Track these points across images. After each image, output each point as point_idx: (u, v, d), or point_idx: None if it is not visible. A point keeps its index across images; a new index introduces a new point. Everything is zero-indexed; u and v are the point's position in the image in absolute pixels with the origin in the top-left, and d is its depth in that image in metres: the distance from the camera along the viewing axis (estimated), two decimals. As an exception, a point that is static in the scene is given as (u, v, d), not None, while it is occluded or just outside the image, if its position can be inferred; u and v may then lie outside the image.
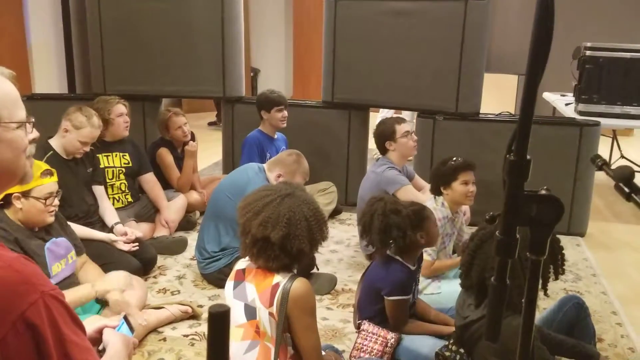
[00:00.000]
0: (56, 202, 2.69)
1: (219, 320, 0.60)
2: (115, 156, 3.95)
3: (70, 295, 2.49)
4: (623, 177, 1.04)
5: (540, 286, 1.86)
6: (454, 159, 3.30)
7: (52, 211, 2.66)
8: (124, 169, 3.97)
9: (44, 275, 1.09)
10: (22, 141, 1.11)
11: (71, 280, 2.73)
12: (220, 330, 0.60)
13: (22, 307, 1.00)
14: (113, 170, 3.92)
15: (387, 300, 2.56)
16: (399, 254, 2.60)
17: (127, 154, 4.00)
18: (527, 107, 0.80)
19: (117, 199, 3.94)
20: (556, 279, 2.17)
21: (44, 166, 2.69)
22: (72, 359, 1.06)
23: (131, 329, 1.61)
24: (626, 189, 1.02)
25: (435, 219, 2.71)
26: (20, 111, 1.10)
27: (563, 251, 2.19)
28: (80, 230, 3.26)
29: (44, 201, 2.59)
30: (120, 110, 3.90)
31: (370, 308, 2.63)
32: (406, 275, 2.58)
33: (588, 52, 4.55)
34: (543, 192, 0.85)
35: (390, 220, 2.57)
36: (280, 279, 2.03)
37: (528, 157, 0.82)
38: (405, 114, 5.78)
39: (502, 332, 0.94)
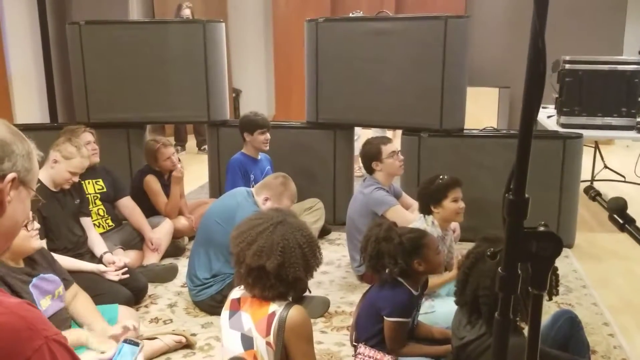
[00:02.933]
0: (36, 224, 2.62)
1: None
2: (89, 183, 3.93)
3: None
4: (617, 208, 1.06)
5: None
6: (441, 177, 3.33)
7: (36, 235, 2.61)
8: (98, 195, 3.96)
9: (47, 320, 1.10)
10: (29, 209, 1.23)
11: (63, 316, 2.70)
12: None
13: (27, 354, 1.01)
14: (88, 197, 3.89)
15: (386, 321, 2.56)
16: (403, 277, 2.61)
17: (100, 180, 3.99)
18: (524, 146, 0.82)
19: (98, 224, 3.91)
20: (550, 299, 2.19)
21: None
22: None
23: (135, 344, 1.58)
24: (620, 220, 1.04)
25: (436, 246, 2.67)
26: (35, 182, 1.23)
27: (557, 272, 2.21)
28: (69, 262, 3.24)
29: (25, 227, 2.55)
30: (86, 138, 3.90)
31: (369, 328, 2.63)
32: (408, 298, 2.59)
33: (567, 66, 4.63)
34: (542, 228, 0.87)
35: (382, 247, 2.58)
36: (276, 307, 2.03)
37: (526, 195, 0.84)
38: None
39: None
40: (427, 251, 2.62)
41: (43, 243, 3.18)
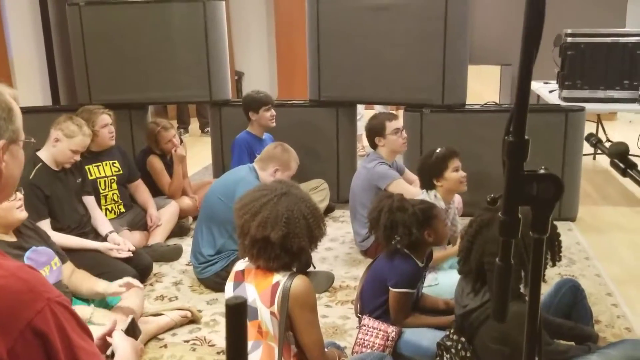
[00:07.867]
0: (19, 195, 2.62)
1: (236, 311, 0.61)
2: (106, 165, 3.93)
3: None
4: (618, 153, 1.06)
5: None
6: (437, 150, 3.34)
7: (20, 206, 2.60)
8: (115, 177, 3.95)
9: (48, 282, 1.09)
10: (23, 157, 1.18)
11: (62, 289, 2.71)
12: (238, 321, 0.61)
13: (30, 316, 1.00)
14: (105, 180, 3.90)
15: (391, 292, 2.57)
16: (409, 249, 2.62)
17: (116, 162, 3.99)
18: (523, 88, 0.81)
19: (110, 209, 3.92)
20: (553, 265, 2.19)
21: None
22: None
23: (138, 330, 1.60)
24: (622, 165, 1.04)
25: (444, 218, 2.71)
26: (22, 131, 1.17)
27: (560, 238, 2.21)
28: (74, 241, 3.25)
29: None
30: (105, 120, 3.88)
31: (373, 299, 2.64)
32: (414, 269, 2.60)
33: (569, 39, 4.59)
34: (542, 171, 0.87)
35: (396, 217, 2.58)
36: (280, 277, 2.04)
37: (526, 137, 0.84)
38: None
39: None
40: (436, 222, 2.63)
41: (46, 223, 3.20)
